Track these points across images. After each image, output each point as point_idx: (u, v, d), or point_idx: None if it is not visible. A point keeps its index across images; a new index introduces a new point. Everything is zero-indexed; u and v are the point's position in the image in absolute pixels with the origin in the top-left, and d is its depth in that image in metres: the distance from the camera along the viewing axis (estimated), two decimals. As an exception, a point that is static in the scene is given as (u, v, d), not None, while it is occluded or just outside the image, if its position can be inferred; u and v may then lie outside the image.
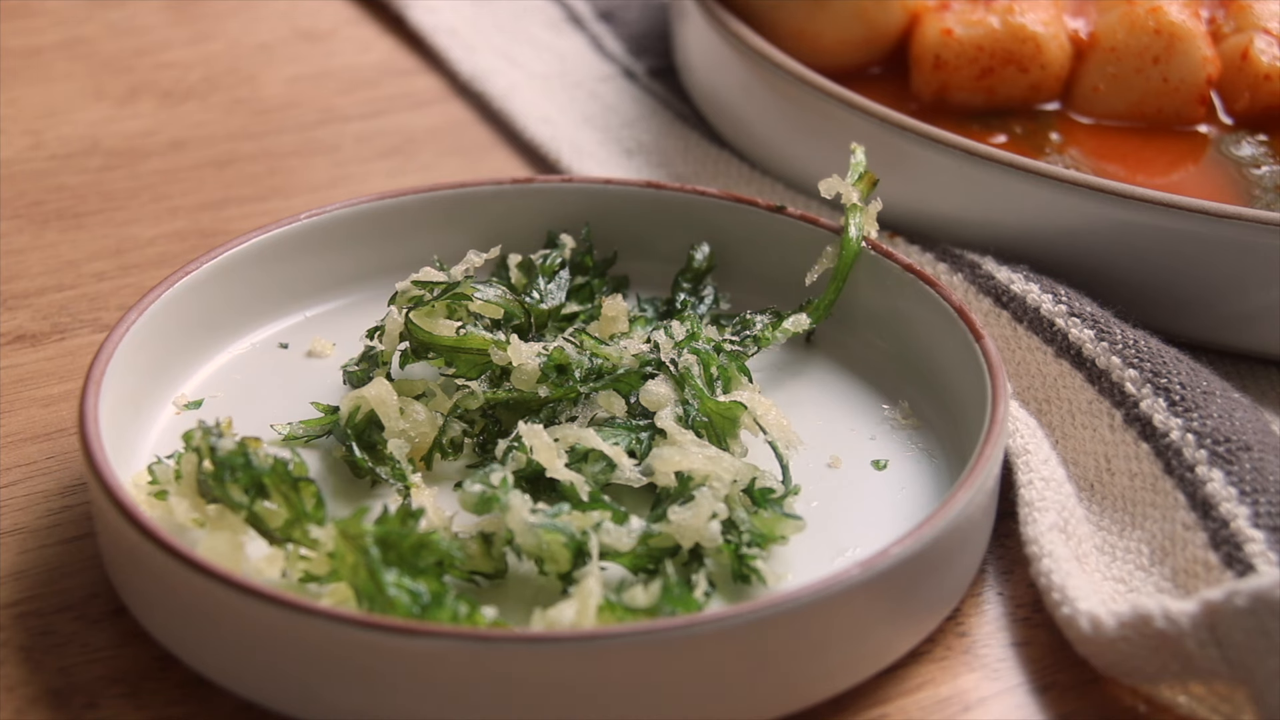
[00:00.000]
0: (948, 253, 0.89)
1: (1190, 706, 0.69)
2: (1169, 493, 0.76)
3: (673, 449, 0.74)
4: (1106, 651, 0.69)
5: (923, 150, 0.89)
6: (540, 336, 0.82)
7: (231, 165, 1.02)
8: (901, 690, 0.71)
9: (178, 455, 0.72)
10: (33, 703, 0.69)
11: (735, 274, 0.87)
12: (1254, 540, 0.72)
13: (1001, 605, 0.75)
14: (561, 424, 0.77)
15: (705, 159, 1.01)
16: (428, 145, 1.05)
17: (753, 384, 0.79)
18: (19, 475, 0.80)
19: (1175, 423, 0.77)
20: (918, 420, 0.80)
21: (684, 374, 0.77)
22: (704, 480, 0.72)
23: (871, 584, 0.67)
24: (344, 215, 0.85)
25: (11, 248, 0.95)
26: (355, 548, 0.67)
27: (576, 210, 0.88)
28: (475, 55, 1.11)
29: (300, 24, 1.16)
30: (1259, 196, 0.90)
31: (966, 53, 0.95)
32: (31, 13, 1.16)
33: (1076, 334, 0.82)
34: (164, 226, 0.97)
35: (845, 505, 0.76)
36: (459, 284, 0.79)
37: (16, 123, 1.05)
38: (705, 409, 0.76)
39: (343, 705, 0.66)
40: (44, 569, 0.75)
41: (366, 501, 0.75)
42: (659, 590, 0.68)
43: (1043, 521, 0.74)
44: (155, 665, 0.71)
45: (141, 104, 1.07)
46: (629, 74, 1.10)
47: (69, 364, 0.87)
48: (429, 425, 0.77)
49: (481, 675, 0.64)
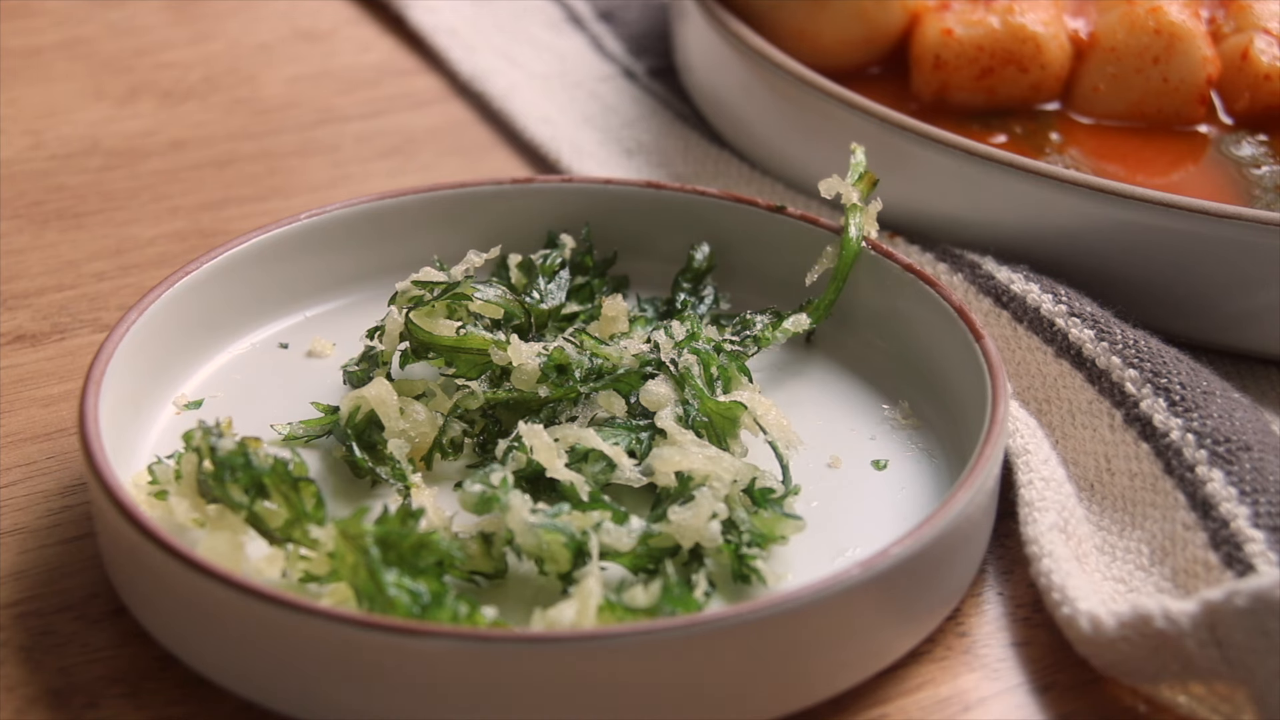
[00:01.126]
0: (948, 253, 0.89)
1: (1190, 706, 0.69)
2: (1169, 493, 0.76)
3: (673, 449, 0.74)
4: (1106, 651, 0.69)
5: (923, 150, 0.89)
6: (540, 336, 0.82)
7: (231, 165, 1.02)
8: (901, 690, 0.71)
9: (178, 455, 0.72)
10: (33, 703, 0.69)
11: (735, 274, 0.87)
12: (1254, 540, 0.72)
13: (1001, 605, 0.75)
14: (561, 424, 0.77)
15: (705, 159, 1.01)
16: (428, 145, 1.05)
17: (753, 384, 0.79)
18: (19, 475, 0.80)
19: (1175, 423, 0.77)
20: (918, 420, 0.80)
21: (684, 374, 0.77)
22: (704, 480, 0.72)
23: (871, 584, 0.67)
24: (344, 215, 0.85)
25: (11, 248, 0.95)
26: (355, 548, 0.67)
27: (576, 210, 0.88)
28: (475, 55, 1.11)
29: (300, 24, 1.16)
30: (1259, 196, 0.90)
31: (966, 53, 0.95)
32: (31, 13, 1.16)
33: (1076, 334, 0.82)
34: (164, 226, 0.97)
35: (845, 505, 0.76)
36: (459, 284, 0.79)
37: (17, 123, 1.05)
38: (705, 409, 0.76)
39: (343, 705, 0.66)
40: (44, 569, 0.75)
41: (366, 501, 0.75)
42: (659, 590, 0.68)
43: (1043, 521, 0.74)
44: (155, 665, 0.71)
45: (141, 104, 1.07)
46: (629, 74, 1.10)
47: (69, 364, 0.87)
48: (429, 425, 0.77)
49: (481, 675, 0.64)
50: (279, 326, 0.85)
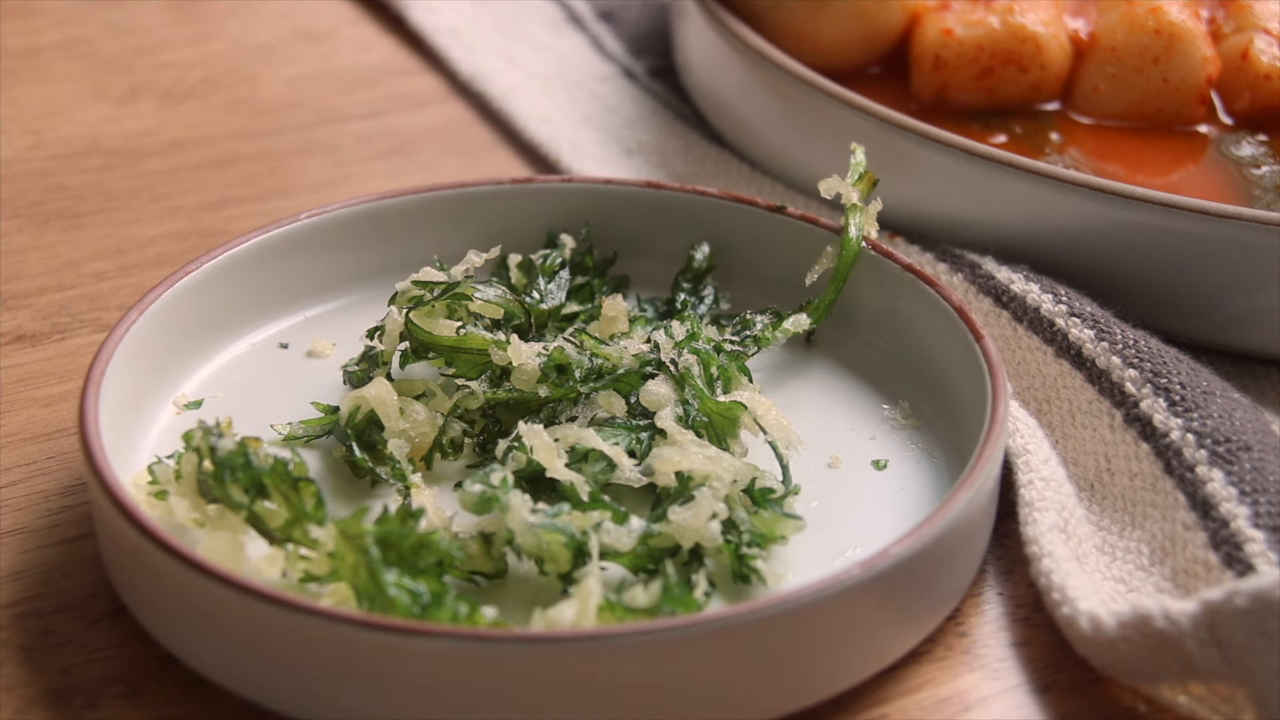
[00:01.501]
0: (948, 253, 0.89)
1: (1190, 707, 0.69)
2: (1169, 493, 0.76)
3: (673, 449, 0.74)
4: (1106, 651, 0.69)
5: (923, 150, 0.89)
6: (540, 336, 0.82)
7: (231, 165, 1.02)
8: (901, 690, 0.71)
9: (178, 455, 0.72)
10: (33, 703, 0.69)
11: (735, 274, 0.87)
12: (1254, 540, 0.72)
13: (1001, 605, 0.75)
14: (561, 424, 0.77)
15: (705, 159, 1.01)
16: (428, 145, 1.05)
17: (753, 384, 0.79)
18: (19, 475, 0.80)
19: (1175, 423, 0.77)
20: (918, 420, 0.80)
21: (684, 374, 0.77)
22: (704, 480, 0.72)
23: (871, 584, 0.67)
24: (344, 215, 0.85)
25: (11, 248, 0.95)
26: (355, 548, 0.67)
27: (577, 210, 0.88)
28: (475, 55, 1.11)
29: (300, 24, 1.16)
30: (1259, 196, 0.90)
31: (966, 53, 0.95)
32: (31, 13, 1.16)
33: (1076, 334, 0.82)
34: (164, 226, 0.97)
35: (845, 505, 0.76)
36: (459, 284, 0.79)
37: (16, 123, 1.05)
38: (705, 409, 0.76)
39: (343, 705, 0.66)
40: (44, 569, 0.75)
41: (366, 501, 0.75)
42: (659, 590, 0.68)
43: (1043, 521, 0.74)
44: (155, 665, 0.71)
45: (141, 104, 1.07)
46: (629, 74, 1.10)
47: (69, 364, 0.87)
48: (429, 425, 0.77)
49: (482, 675, 0.64)
50: (279, 326, 0.85)
